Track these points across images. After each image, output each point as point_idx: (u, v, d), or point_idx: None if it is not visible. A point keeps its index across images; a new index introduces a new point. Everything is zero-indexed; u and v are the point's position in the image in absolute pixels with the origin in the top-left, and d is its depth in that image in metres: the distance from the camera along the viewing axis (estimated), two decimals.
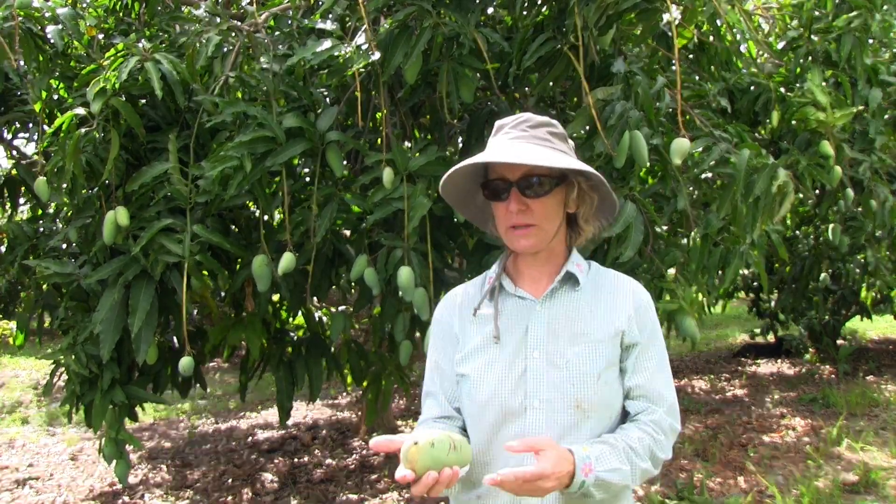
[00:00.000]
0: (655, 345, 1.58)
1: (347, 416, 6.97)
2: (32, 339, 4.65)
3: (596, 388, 1.48)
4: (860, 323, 9.14)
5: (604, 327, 1.52)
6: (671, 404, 1.56)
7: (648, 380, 1.54)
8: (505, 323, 1.55)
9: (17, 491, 5.09)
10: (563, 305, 1.55)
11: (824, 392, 6.63)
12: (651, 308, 1.60)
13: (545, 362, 1.50)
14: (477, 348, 1.56)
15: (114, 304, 3.01)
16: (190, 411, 7.52)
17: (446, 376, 1.62)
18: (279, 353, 3.60)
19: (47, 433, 6.78)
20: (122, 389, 3.28)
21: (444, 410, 1.61)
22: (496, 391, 1.51)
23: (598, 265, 1.64)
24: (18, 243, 3.77)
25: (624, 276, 1.64)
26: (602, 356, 1.50)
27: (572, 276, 1.57)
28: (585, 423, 1.48)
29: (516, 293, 1.57)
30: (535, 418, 1.48)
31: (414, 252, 2.85)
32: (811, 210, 5.73)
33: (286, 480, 5.05)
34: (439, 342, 1.66)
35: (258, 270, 2.92)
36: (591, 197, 1.57)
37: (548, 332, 1.52)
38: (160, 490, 4.99)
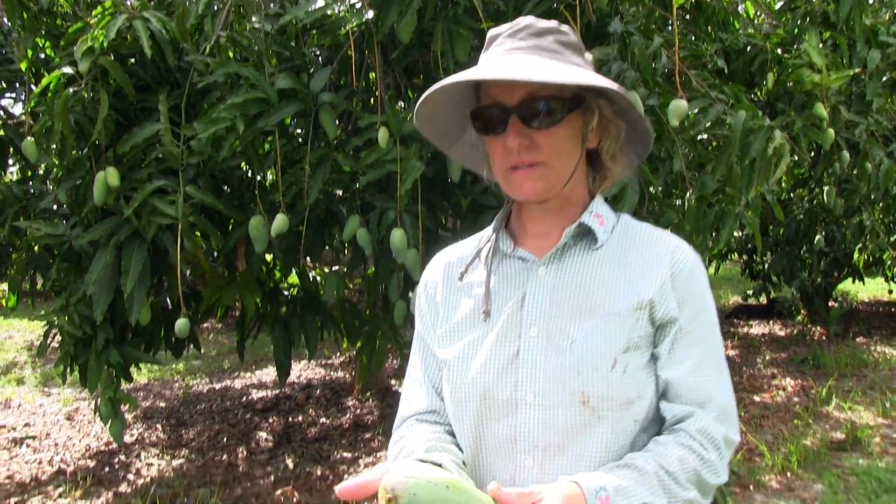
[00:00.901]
0: (703, 326, 1.15)
1: (341, 376, 7.02)
2: (25, 300, 4.65)
3: (609, 379, 1.08)
4: (852, 285, 9.20)
5: (625, 297, 1.12)
6: (724, 408, 1.14)
7: (690, 373, 1.13)
8: (497, 291, 1.20)
9: (15, 450, 5.13)
10: (575, 269, 1.16)
11: (815, 353, 6.70)
12: (699, 275, 1.16)
13: (544, 342, 1.12)
14: (459, 324, 1.22)
15: (106, 266, 3.00)
16: (184, 371, 7.56)
17: (433, 357, 1.27)
18: (274, 313, 3.61)
19: (43, 393, 6.81)
20: (116, 350, 3.29)
21: (433, 403, 1.26)
22: (478, 380, 1.15)
23: (630, 218, 1.24)
24: (8, 205, 3.74)
25: (665, 232, 1.21)
26: (619, 335, 1.10)
27: (588, 231, 1.18)
28: (596, 426, 1.09)
29: (515, 254, 1.21)
30: (528, 417, 1.11)
31: (406, 214, 2.84)
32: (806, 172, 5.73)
33: (281, 439, 5.11)
34: (425, 314, 1.30)
35: (255, 232, 2.91)
36: (616, 125, 1.19)
37: (550, 303, 1.14)
38: (156, 449, 5.03)
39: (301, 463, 4.59)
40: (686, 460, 1.07)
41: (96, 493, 4.24)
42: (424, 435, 1.19)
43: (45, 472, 4.67)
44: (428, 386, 1.27)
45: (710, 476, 1.09)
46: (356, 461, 4.60)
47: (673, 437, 1.11)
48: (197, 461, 4.74)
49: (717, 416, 1.12)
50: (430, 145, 2.88)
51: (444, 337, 1.24)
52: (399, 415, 1.29)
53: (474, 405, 1.15)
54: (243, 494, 4.14)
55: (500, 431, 1.13)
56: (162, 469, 4.62)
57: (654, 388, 1.14)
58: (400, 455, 1.16)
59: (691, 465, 1.07)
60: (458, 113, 1.24)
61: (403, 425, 1.26)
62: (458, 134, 1.29)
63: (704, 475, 1.09)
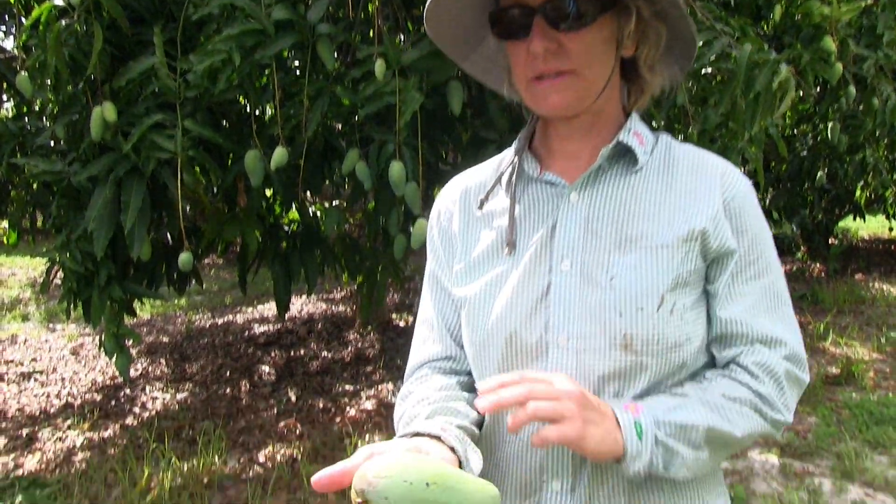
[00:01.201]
0: (763, 257, 1.01)
1: (342, 311, 7.08)
2: (26, 238, 4.66)
3: (656, 320, 0.94)
4: (852, 223, 9.20)
5: (673, 227, 0.98)
6: (793, 350, 1.00)
7: (752, 311, 0.99)
8: (523, 220, 1.06)
9: (24, 384, 5.22)
10: (611, 194, 1.02)
11: (813, 290, 6.75)
12: (753, 201, 1.03)
13: (579, 278, 0.98)
14: (480, 259, 1.07)
15: (106, 202, 3.00)
16: (187, 307, 7.63)
17: (448, 297, 1.13)
18: (274, 248, 3.62)
19: (48, 329, 6.89)
20: (118, 286, 3.31)
21: (448, 348, 1.13)
22: (503, 321, 1.01)
23: (670, 138, 1.08)
24: (4, 141, 3.71)
25: (711, 154, 1.07)
26: (666, 270, 0.96)
27: (628, 151, 1.04)
28: (640, 375, 0.96)
29: (543, 178, 1.06)
30: (561, 363, 0.97)
31: (406, 147, 2.81)
32: (811, 108, 5.66)
33: (283, 373, 5.18)
34: (438, 248, 1.16)
35: (251, 165, 2.89)
36: (656, 29, 1.02)
37: (585, 234, 1.00)
38: (160, 383, 5.11)
39: (303, 396, 4.67)
40: (735, 388, 0.96)
41: (103, 426, 4.32)
42: (431, 393, 1.05)
43: (53, 405, 4.76)
44: (442, 329, 1.13)
45: (769, 410, 0.97)
46: (357, 394, 4.67)
47: (721, 371, 0.99)
48: (201, 394, 4.82)
49: (785, 355, 0.99)
50: (429, 77, 2.84)
51: (462, 274, 1.09)
52: (410, 363, 1.16)
53: (499, 350, 1.01)
54: (247, 426, 4.22)
55: None
56: (167, 402, 4.71)
57: (704, 330, 1.00)
58: (402, 421, 1.03)
59: (743, 394, 0.96)
60: (475, 18, 1.07)
61: (413, 377, 1.13)
62: (474, 44, 1.14)
63: (763, 408, 0.96)
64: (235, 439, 4.04)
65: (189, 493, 3.36)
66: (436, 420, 0.94)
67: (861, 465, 3.39)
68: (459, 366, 1.13)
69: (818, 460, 3.53)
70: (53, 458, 3.89)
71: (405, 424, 1.00)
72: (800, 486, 3.25)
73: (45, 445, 4.08)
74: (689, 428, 0.92)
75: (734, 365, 0.99)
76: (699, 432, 0.92)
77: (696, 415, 0.92)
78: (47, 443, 4.11)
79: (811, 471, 3.41)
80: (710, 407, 0.94)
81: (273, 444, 3.94)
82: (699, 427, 0.92)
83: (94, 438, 4.14)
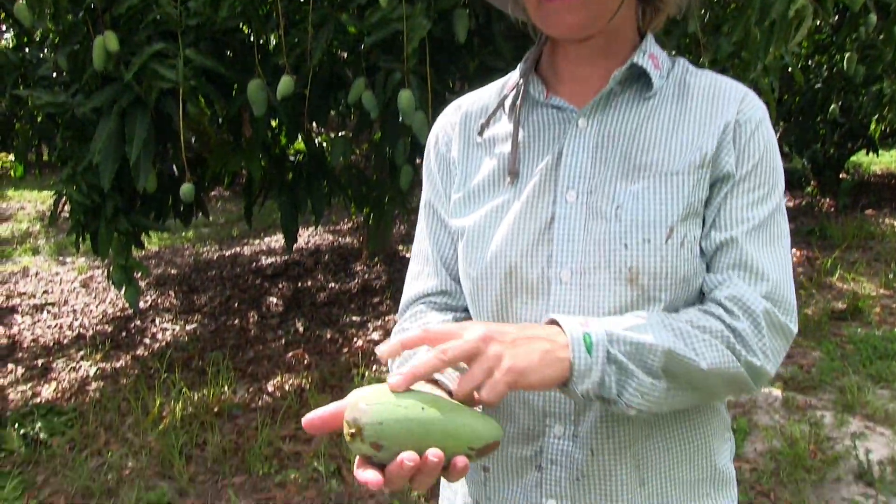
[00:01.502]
0: (765, 188, 0.93)
1: (349, 242, 7.11)
2: (33, 171, 4.65)
3: (664, 252, 0.88)
4: (865, 157, 9.09)
5: (684, 152, 0.92)
6: (777, 288, 0.90)
7: (742, 239, 0.91)
8: (527, 147, 0.99)
9: (37, 316, 5.29)
10: (623, 121, 0.95)
11: (822, 224, 6.71)
12: (766, 130, 0.95)
13: (584, 210, 0.92)
14: (480, 188, 1.01)
15: (110, 133, 2.98)
16: (194, 239, 7.66)
17: (444, 228, 1.06)
18: (280, 178, 3.60)
19: (58, 262, 6.94)
20: (125, 217, 3.32)
21: (443, 282, 1.06)
22: (502, 254, 0.95)
23: (688, 63, 1.01)
24: (6, 72, 3.67)
25: (732, 80, 0.98)
26: (677, 198, 0.90)
27: (642, 75, 0.96)
28: (644, 310, 0.89)
29: (549, 102, 0.99)
30: (564, 299, 0.91)
31: (413, 75, 2.76)
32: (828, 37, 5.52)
33: (290, 304, 5.23)
34: (435, 175, 1.09)
35: (253, 95, 2.86)
36: None
37: (593, 161, 0.94)
38: (169, 314, 5.17)
39: (311, 326, 4.72)
40: (706, 319, 0.87)
41: (115, 356, 4.39)
42: (431, 316, 1.02)
43: (66, 336, 4.83)
44: (437, 262, 1.06)
45: (743, 349, 0.86)
46: (365, 325, 4.72)
47: (695, 306, 0.91)
48: (210, 325, 4.88)
49: (766, 293, 0.89)
50: (436, 3, 2.77)
51: (460, 203, 1.02)
52: (404, 297, 1.10)
53: (498, 284, 0.95)
54: (255, 357, 4.28)
55: (528, 316, 0.94)
56: (176, 333, 4.77)
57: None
58: (396, 362, 0.97)
59: (713, 325, 0.86)
60: None
61: (408, 312, 1.07)
62: None
63: (736, 345, 0.86)
64: (244, 370, 4.10)
65: (200, 422, 3.43)
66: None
67: (863, 399, 3.43)
68: (455, 301, 1.06)
69: (821, 394, 3.56)
70: (68, 388, 3.97)
71: (399, 365, 0.95)
72: (802, 419, 3.29)
73: (59, 375, 4.15)
74: (646, 348, 0.82)
75: (708, 301, 0.91)
76: (657, 355, 0.82)
77: (656, 336, 0.83)
78: (62, 373, 4.19)
79: (813, 404, 3.45)
80: (672, 331, 0.84)
81: (281, 374, 4.00)
82: (657, 349, 0.82)
83: (107, 368, 4.21)
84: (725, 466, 1.02)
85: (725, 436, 1.04)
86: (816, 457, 2.96)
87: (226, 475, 3.05)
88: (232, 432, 3.38)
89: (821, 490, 2.78)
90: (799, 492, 2.75)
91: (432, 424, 0.72)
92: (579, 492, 0.94)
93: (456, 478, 0.73)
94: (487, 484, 1.01)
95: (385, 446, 0.70)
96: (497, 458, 0.99)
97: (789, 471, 2.87)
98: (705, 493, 1.00)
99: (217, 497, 2.91)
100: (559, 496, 0.95)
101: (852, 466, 2.90)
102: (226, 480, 3.02)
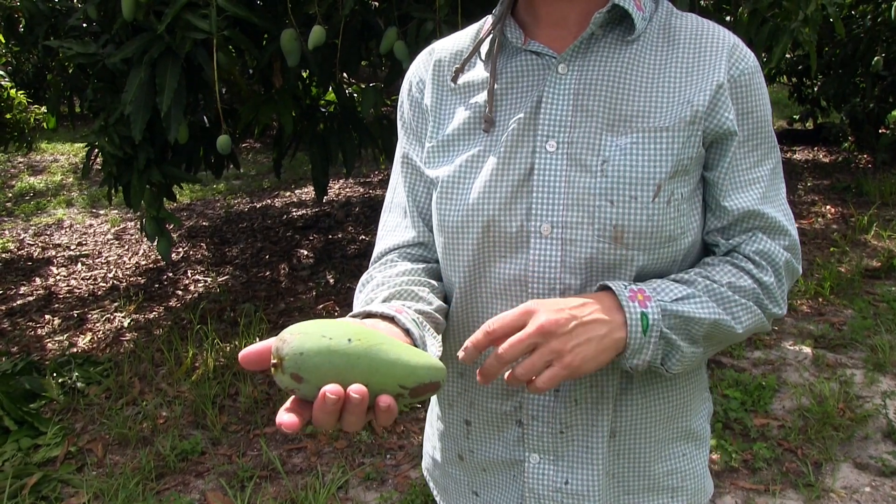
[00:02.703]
0: (766, 142, 0.93)
1: (380, 194, 7.10)
2: (65, 123, 4.69)
3: (651, 210, 0.86)
4: None
5: (673, 106, 0.88)
6: (793, 239, 0.94)
7: (758, 200, 0.91)
8: (504, 95, 0.95)
9: (72, 267, 5.39)
10: (604, 66, 0.91)
11: (858, 181, 6.56)
12: (760, 81, 0.92)
13: (565, 160, 0.89)
14: (455, 136, 0.97)
15: (141, 84, 2.98)
16: (225, 191, 7.71)
17: (421, 178, 1.02)
18: (311, 129, 3.59)
19: (91, 214, 7.04)
20: (157, 169, 3.34)
21: (420, 234, 1.02)
22: (479, 207, 0.91)
23: (671, 5, 0.97)
24: (37, 23, 3.67)
25: (717, 25, 0.95)
26: (665, 155, 0.87)
27: (624, 17, 0.92)
28: (627, 267, 0.88)
29: (527, 47, 0.94)
30: (543, 254, 0.89)
31: (445, 24, 2.72)
32: None
33: (321, 256, 5.27)
34: (409, 122, 1.04)
35: (287, 45, 2.83)
36: None
37: (574, 110, 0.90)
38: (201, 266, 5.24)
39: (341, 279, 4.76)
40: (740, 277, 0.89)
41: (148, 308, 4.47)
42: (392, 278, 0.95)
43: (100, 287, 4.91)
44: (414, 213, 1.02)
45: (769, 302, 0.91)
46: None
47: (723, 258, 0.93)
48: (241, 277, 4.94)
49: (786, 245, 0.93)
50: None
51: (434, 152, 0.98)
52: (377, 248, 1.06)
53: (474, 238, 0.92)
54: (286, 309, 4.33)
55: (505, 271, 0.91)
56: (208, 285, 4.83)
57: (700, 221, 0.93)
58: (356, 307, 0.93)
59: (748, 284, 0.89)
60: None
61: (378, 264, 1.02)
62: None
63: (764, 300, 0.91)
64: (275, 321, 4.15)
65: (232, 373, 3.49)
66: (392, 303, 0.86)
67: (894, 358, 3.39)
68: (431, 254, 1.03)
69: (851, 352, 3.53)
70: (103, 338, 4.05)
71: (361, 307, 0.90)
72: (832, 377, 3.26)
73: (95, 326, 4.24)
74: (694, 321, 0.85)
75: (736, 252, 0.93)
76: (703, 327, 0.86)
77: (703, 307, 0.86)
78: (97, 324, 4.27)
79: (843, 362, 3.42)
80: (717, 299, 0.87)
81: None
82: (704, 322, 0.86)
83: (140, 320, 4.29)
84: (701, 427, 1.03)
85: (704, 395, 1.04)
86: (845, 415, 2.95)
87: (257, 425, 3.11)
88: (263, 383, 3.44)
89: (848, 448, 2.77)
90: (826, 449, 2.74)
91: (358, 358, 0.66)
92: (562, 445, 0.94)
93: (383, 419, 0.67)
94: (469, 437, 1.01)
95: (306, 378, 0.65)
96: (477, 411, 0.99)
97: (817, 428, 2.86)
98: (676, 451, 1.00)
99: (249, 447, 2.98)
100: (542, 450, 0.95)
101: (881, 425, 2.88)
102: (258, 430, 3.08)
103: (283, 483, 2.72)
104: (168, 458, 2.85)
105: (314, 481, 2.69)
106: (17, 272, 5.31)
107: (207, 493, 2.68)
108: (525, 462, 0.96)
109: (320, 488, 2.64)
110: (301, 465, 2.84)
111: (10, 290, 4.91)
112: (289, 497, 2.63)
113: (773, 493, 2.54)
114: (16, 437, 2.97)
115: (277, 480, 2.75)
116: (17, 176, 8.84)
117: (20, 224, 6.74)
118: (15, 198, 7.79)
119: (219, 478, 2.76)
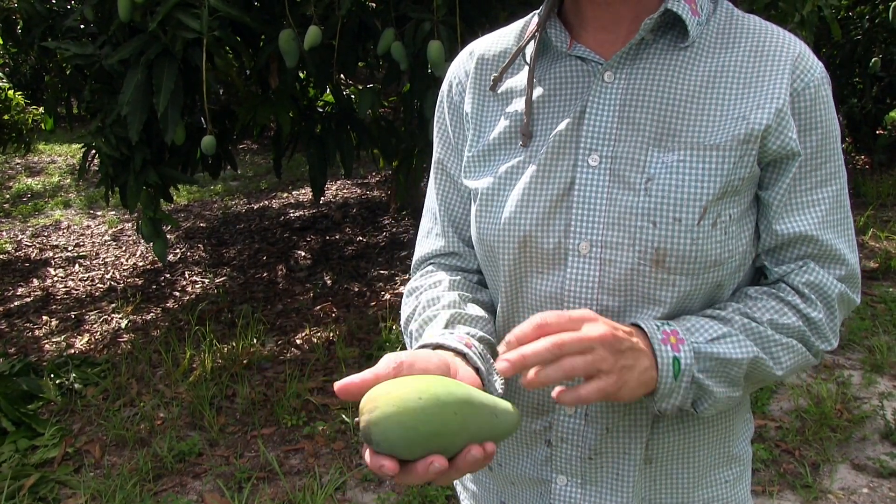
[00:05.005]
0: (832, 161, 0.85)
1: (377, 195, 7.10)
2: (63, 124, 4.69)
3: (695, 234, 0.80)
4: None
5: (726, 122, 0.82)
6: (851, 269, 0.88)
7: (817, 225, 0.85)
8: (546, 103, 0.89)
9: (69, 268, 5.38)
10: (655, 75, 0.84)
11: (856, 182, 6.57)
12: (828, 94, 0.84)
13: (608, 176, 0.84)
14: (494, 146, 0.92)
15: (138, 85, 2.97)
16: (222, 192, 7.70)
17: (453, 186, 0.99)
18: (309, 130, 3.59)
19: (89, 215, 7.03)
20: (154, 170, 3.33)
21: (451, 244, 1.00)
22: (516, 221, 0.87)
23: (731, 6, 0.89)
24: (34, 24, 3.66)
25: (783, 30, 0.86)
26: (715, 175, 0.81)
27: (676, 22, 0.85)
28: (668, 291, 0.83)
29: (573, 52, 0.88)
30: (581, 272, 0.85)
31: (443, 25, 2.72)
32: None
33: (318, 257, 5.26)
34: (447, 128, 0.99)
35: (285, 45, 2.83)
36: None
37: (620, 122, 0.84)
38: (199, 267, 5.23)
39: (339, 280, 4.75)
40: (784, 314, 0.83)
41: (146, 309, 4.46)
42: (443, 293, 0.93)
43: (98, 289, 4.91)
44: (445, 223, 1.00)
45: (816, 339, 0.85)
46: (392, 278, 4.74)
47: (767, 289, 0.86)
48: (239, 278, 4.93)
49: (842, 276, 0.86)
50: None
51: (473, 162, 0.93)
52: (416, 255, 1.06)
53: (510, 255, 0.88)
54: (284, 309, 4.32)
55: (542, 288, 0.87)
56: (206, 286, 4.83)
57: (748, 245, 0.86)
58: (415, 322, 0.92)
59: (791, 322, 0.83)
60: None
61: (420, 271, 1.03)
62: None
63: (810, 338, 0.85)
64: (273, 322, 4.15)
65: (229, 374, 3.48)
66: (457, 330, 0.84)
67: (892, 359, 3.39)
68: (465, 263, 1.00)
69: (849, 353, 3.53)
70: (101, 339, 4.05)
71: (421, 325, 0.90)
72: (829, 378, 3.26)
73: (92, 327, 4.23)
74: (731, 363, 0.80)
75: (783, 283, 0.86)
76: (741, 368, 0.81)
77: (740, 348, 0.80)
78: (94, 325, 4.26)
79: (841, 363, 3.42)
80: (755, 338, 0.82)
81: (309, 327, 4.04)
82: (742, 363, 0.81)
83: (138, 321, 4.28)
84: (743, 450, 0.99)
85: (746, 417, 1.00)
86: (843, 416, 2.95)
87: (255, 426, 3.11)
88: (261, 384, 3.44)
89: (846, 449, 2.76)
90: (824, 450, 2.74)
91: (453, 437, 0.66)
92: (591, 470, 0.91)
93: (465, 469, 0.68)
94: (499, 451, 0.99)
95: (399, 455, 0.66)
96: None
97: (815, 429, 2.86)
98: (718, 477, 0.96)
99: (246, 448, 2.97)
100: (569, 473, 0.92)
101: (879, 426, 2.88)
102: (255, 432, 3.07)
103: (281, 484, 2.72)
104: (166, 460, 2.85)
105: (312, 482, 2.69)
106: (14, 273, 5.31)
107: (205, 494, 2.67)
108: (552, 483, 0.94)
109: (318, 489, 2.64)
110: (299, 467, 2.83)
111: (7, 292, 4.90)
112: (286, 498, 2.63)
113: (770, 494, 2.54)
114: (13, 438, 2.96)
115: (275, 481, 2.74)
116: (15, 177, 8.83)
117: (18, 225, 6.73)
118: (12, 199, 7.78)
119: (216, 479, 2.76)
